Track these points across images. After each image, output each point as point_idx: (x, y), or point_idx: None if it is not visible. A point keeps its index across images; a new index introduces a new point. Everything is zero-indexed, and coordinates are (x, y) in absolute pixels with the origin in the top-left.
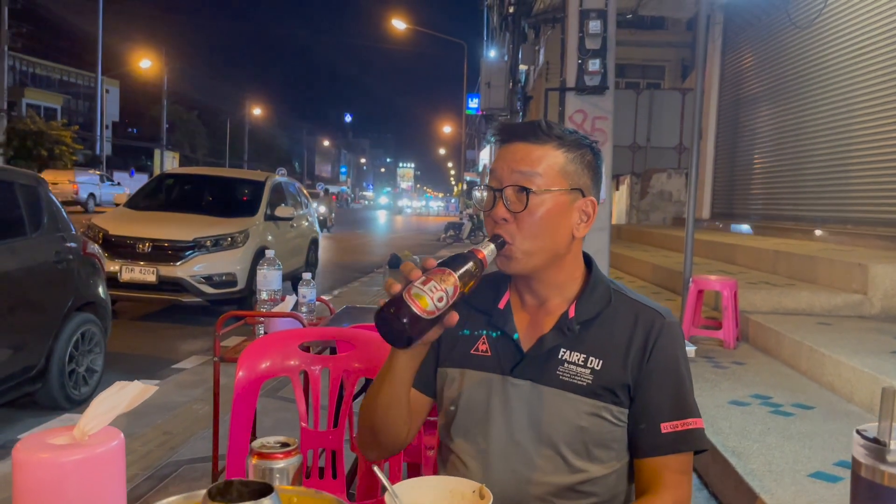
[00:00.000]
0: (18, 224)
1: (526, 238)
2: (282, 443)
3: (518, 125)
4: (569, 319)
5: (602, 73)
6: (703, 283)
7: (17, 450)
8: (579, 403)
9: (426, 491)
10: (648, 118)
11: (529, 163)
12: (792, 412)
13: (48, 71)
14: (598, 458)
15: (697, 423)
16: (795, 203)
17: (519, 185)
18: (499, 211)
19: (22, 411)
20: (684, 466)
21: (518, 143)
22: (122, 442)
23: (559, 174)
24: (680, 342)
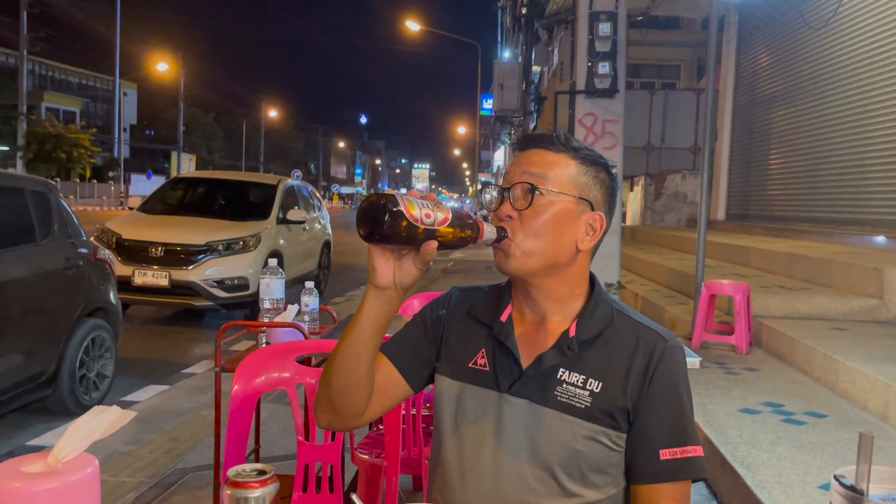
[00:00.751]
0: (29, 231)
1: (527, 236)
2: (258, 471)
3: (536, 134)
4: (569, 338)
5: (612, 76)
6: (715, 287)
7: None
8: (576, 426)
9: None
10: (663, 118)
11: (541, 165)
12: (804, 420)
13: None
14: (593, 483)
15: (697, 450)
16: (811, 204)
17: (526, 182)
18: (504, 208)
19: (33, 417)
20: (682, 495)
21: (533, 149)
22: (97, 469)
23: (569, 181)
24: (681, 368)
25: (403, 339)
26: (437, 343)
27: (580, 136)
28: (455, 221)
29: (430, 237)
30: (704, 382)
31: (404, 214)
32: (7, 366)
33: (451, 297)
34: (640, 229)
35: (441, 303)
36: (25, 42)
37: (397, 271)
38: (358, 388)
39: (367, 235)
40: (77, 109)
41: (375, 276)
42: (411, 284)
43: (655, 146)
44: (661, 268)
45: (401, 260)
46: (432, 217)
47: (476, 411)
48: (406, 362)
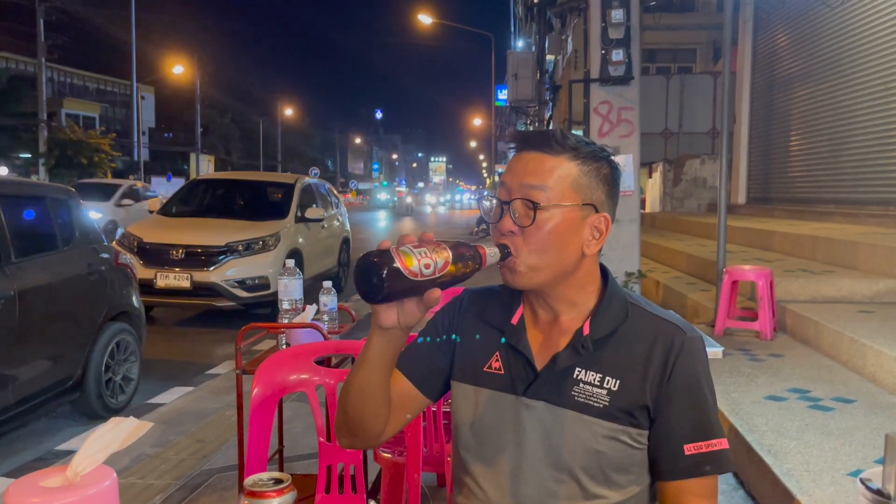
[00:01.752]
0: (51, 238)
1: (532, 252)
2: (275, 479)
3: (532, 134)
4: (583, 337)
5: (626, 63)
6: (737, 273)
7: (9, 494)
8: (595, 426)
9: None
10: (680, 103)
11: (540, 175)
12: (832, 406)
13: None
14: (616, 483)
15: (722, 443)
16: (835, 185)
17: (527, 198)
18: (505, 223)
19: (62, 421)
20: (709, 490)
21: (530, 153)
22: (115, 481)
23: (571, 188)
24: (701, 359)
25: (416, 350)
26: (451, 349)
27: (595, 124)
28: (457, 259)
29: (433, 285)
30: (729, 370)
31: (402, 273)
32: (35, 372)
33: (463, 300)
34: (660, 216)
35: (453, 308)
36: (43, 50)
37: (401, 314)
38: (374, 414)
39: (366, 297)
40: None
41: (378, 318)
42: (415, 324)
43: (673, 131)
44: (681, 255)
45: (404, 305)
46: (432, 266)
47: (493, 416)
48: (420, 375)
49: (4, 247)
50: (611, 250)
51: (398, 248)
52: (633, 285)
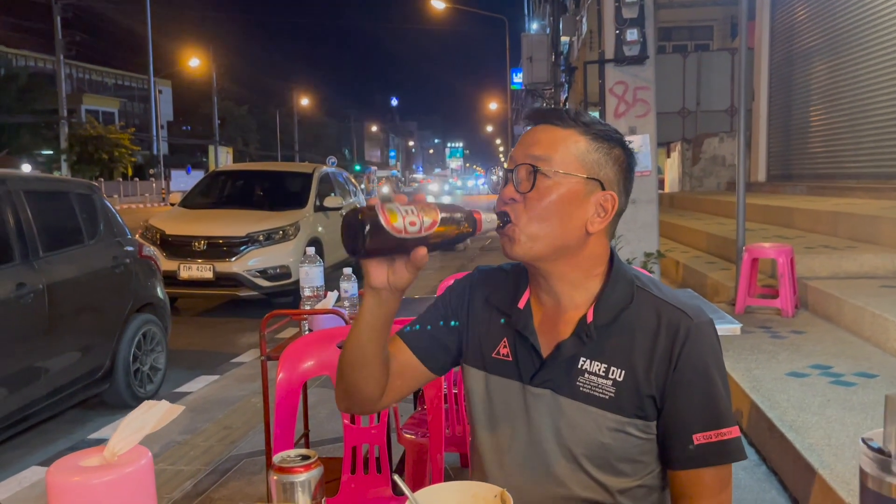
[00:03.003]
0: (76, 232)
1: (531, 220)
2: (302, 455)
3: (546, 109)
4: (587, 324)
5: (641, 43)
6: (756, 251)
7: (50, 473)
8: (601, 418)
9: (449, 496)
10: (697, 81)
11: (545, 144)
12: (854, 381)
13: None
14: (624, 472)
15: (732, 432)
16: (855, 160)
17: (529, 164)
18: (507, 190)
19: (92, 411)
20: (720, 479)
21: (541, 125)
22: (151, 460)
23: (577, 160)
24: (711, 345)
25: (422, 323)
26: (458, 330)
27: (611, 105)
28: (447, 220)
29: (419, 244)
30: (750, 347)
31: (385, 228)
32: (65, 363)
33: (472, 280)
34: (679, 196)
35: (462, 287)
36: (61, 47)
37: (391, 274)
38: (368, 378)
39: (351, 251)
40: (115, 110)
41: (369, 277)
42: (406, 286)
43: (691, 110)
44: (701, 234)
45: (394, 264)
46: (418, 224)
47: (504, 402)
48: (424, 348)
49: (32, 242)
50: (629, 231)
51: (384, 204)
52: (651, 266)
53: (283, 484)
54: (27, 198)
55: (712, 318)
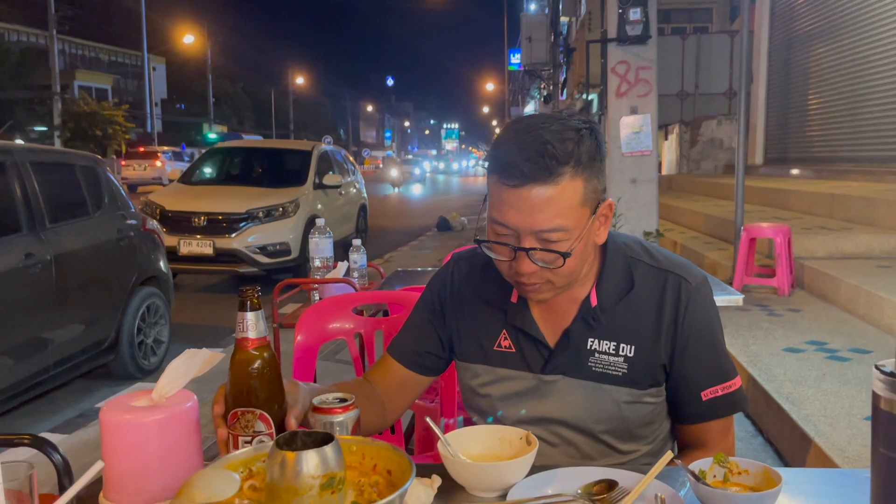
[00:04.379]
0: (81, 205)
1: (560, 279)
2: (340, 398)
3: (526, 166)
4: (592, 308)
5: (644, 22)
6: (754, 231)
7: (103, 412)
8: (616, 394)
9: (477, 438)
10: (696, 64)
11: (550, 216)
12: (849, 357)
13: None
14: (643, 437)
15: (735, 383)
16: (853, 144)
17: (550, 249)
18: (525, 266)
19: (98, 382)
20: (725, 427)
21: (529, 188)
22: (196, 403)
23: (580, 207)
24: (710, 304)
25: (409, 335)
26: (447, 327)
27: (613, 84)
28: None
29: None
30: (748, 325)
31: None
32: (71, 334)
33: (454, 274)
34: (677, 178)
35: (442, 282)
36: (54, 22)
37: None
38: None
39: None
40: (108, 87)
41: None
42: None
43: (689, 93)
44: (699, 215)
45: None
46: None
47: (513, 394)
48: (416, 362)
49: (39, 213)
50: (629, 210)
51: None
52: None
53: (322, 423)
54: (33, 169)
55: (714, 289)
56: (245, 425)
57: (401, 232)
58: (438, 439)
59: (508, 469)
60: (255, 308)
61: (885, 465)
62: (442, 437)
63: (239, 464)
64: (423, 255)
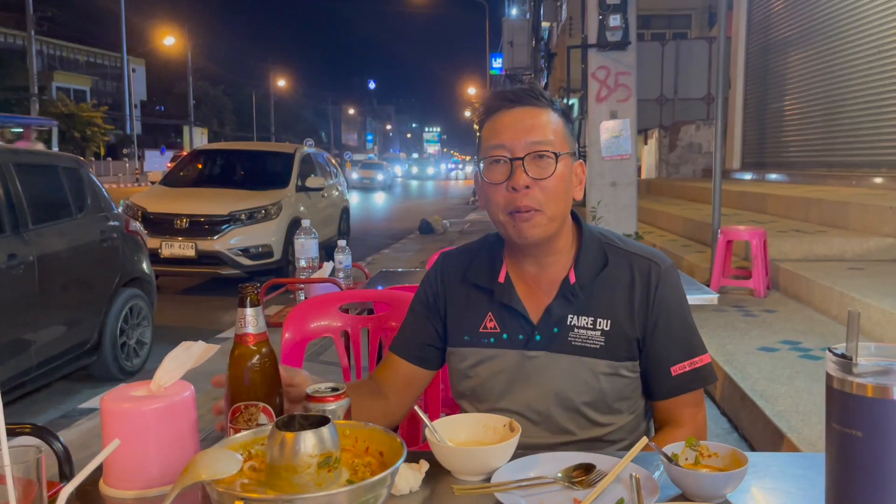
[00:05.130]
0: (64, 206)
1: (551, 202)
2: (332, 387)
3: (518, 90)
4: (571, 285)
5: (623, 28)
6: (731, 233)
7: (104, 401)
8: (595, 366)
9: (462, 426)
10: (675, 69)
11: (541, 129)
12: (821, 356)
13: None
14: (619, 411)
15: (704, 359)
16: (827, 149)
17: (542, 151)
18: (520, 179)
19: (80, 384)
20: (697, 399)
21: (525, 108)
22: (193, 393)
23: (563, 138)
24: (678, 286)
25: (408, 332)
26: (441, 320)
27: (594, 89)
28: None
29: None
30: (724, 325)
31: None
32: (53, 335)
33: (442, 267)
34: (656, 182)
35: (433, 278)
36: (32, 22)
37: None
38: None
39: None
40: (87, 88)
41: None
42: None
43: (668, 98)
44: (677, 218)
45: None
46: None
47: (498, 371)
48: (418, 356)
49: (22, 213)
50: (608, 213)
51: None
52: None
53: (316, 412)
54: (17, 170)
55: (690, 288)
56: (248, 419)
57: (382, 234)
58: (425, 428)
59: (492, 454)
60: (254, 304)
61: (837, 438)
62: (429, 424)
63: (239, 446)
64: (405, 257)
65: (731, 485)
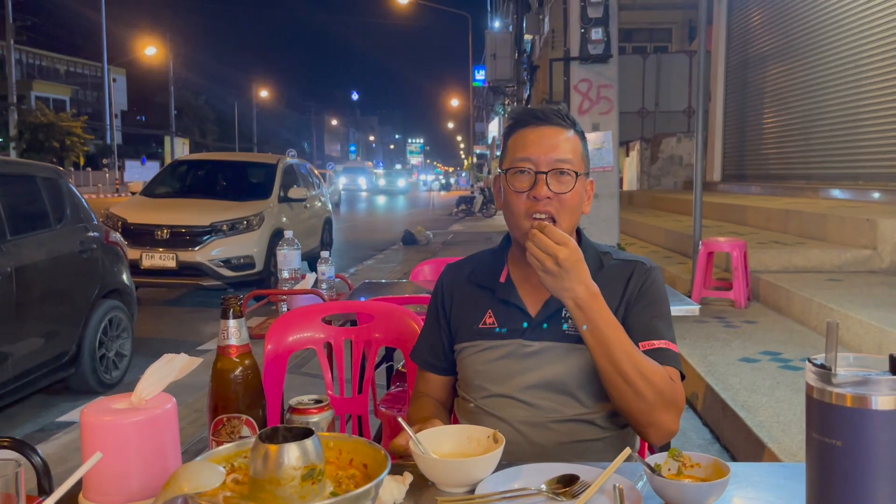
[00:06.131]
0: (43, 216)
1: (565, 214)
2: (315, 400)
3: (547, 109)
4: None
5: (605, 42)
6: (712, 245)
7: (84, 414)
8: (587, 352)
9: (446, 438)
10: (656, 82)
11: (566, 149)
12: (801, 367)
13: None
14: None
15: (671, 346)
16: (805, 162)
17: (564, 169)
18: (542, 190)
19: (57, 397)
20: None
21: (552, 127)
22: (175, 405)
23: (581, 158)
24: (661, 283)
25: (427, 342)
26: (449, 324)
27: (576, 102)
28: None
29: None
30: (705, 336)
31: None
32: (31, 347)
33: (446, 278)
34: (637, 193)
35: (442, 286)
36: (12, 32)
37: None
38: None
39: None
40: (67, 97)
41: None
42: None
43: (649, 110)
44: (658, 230)
45: None
46: None
47: (497, 361)
48: (441, 367)
49: (0, 224)
50: (591, 224)
51: None
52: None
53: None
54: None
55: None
56: (231, 431)
57: (365, 246)
58: (409, 440)
59: (476, 465)
60: (237, 316)
61: (817, 447)
62: (413, 437)
63: (221, 459)
64: (389, 268)
65: (713, 495)
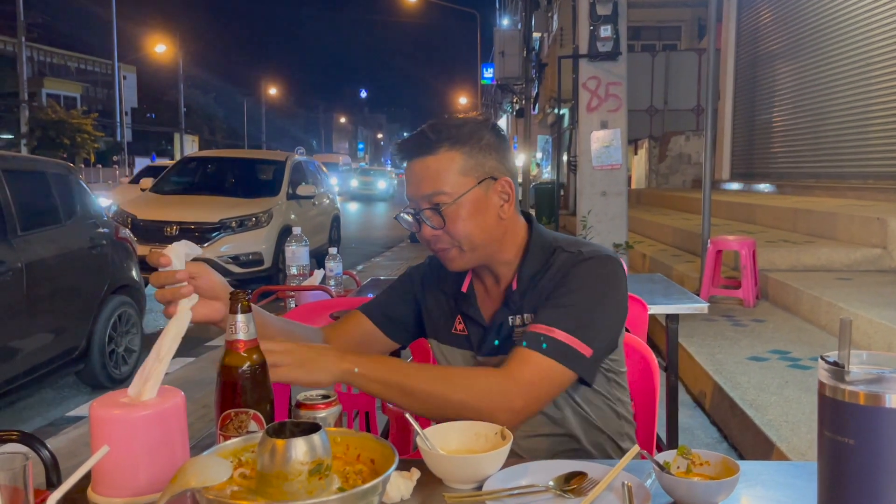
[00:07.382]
0: (53, 212)
1: (463, 239)
2: (323, 395)
3: (407, 142)
4: (513, 292)
5: (614, 39)
6: (721, 243)
7: (93, 407)
8: None
9: (454, 433)
10: (665, 80)
11: (429, 181)
12: (810, 366)
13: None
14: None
15: (571, 340)
16: (815, 160)
17: (435, 202)
18: (425, 231)
19: (67, 391)
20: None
21: (415, 161)
22: (184, 400)
23: (461, 176)
24: (593, 275)
25: (383, 300)
26: (416, 308)
27: (584, 99)
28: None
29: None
30: (713, 334)
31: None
32: (41, 342)
33: (427, 269)
34: (646, 192)
35: (419, 273)
36: (23, 29)
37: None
38: None
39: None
40: (77, 95)
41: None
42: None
43: (658, 108)
44: (667, 228)
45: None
46: None
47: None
48: (385, 322)
49: (11, 220)
50: (599, 223)
51: None
52: (621, 256)
53: (305, 419)
54: (5, 176)
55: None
56: (238, 426)
57: (374, 243)
58: (416, 436)
59: (484, 461)
60: (245, 311)
61: (829, 446)
62: (420, 432)
63: (229, 454)
64: (396, 265)
65: (722, 493)
